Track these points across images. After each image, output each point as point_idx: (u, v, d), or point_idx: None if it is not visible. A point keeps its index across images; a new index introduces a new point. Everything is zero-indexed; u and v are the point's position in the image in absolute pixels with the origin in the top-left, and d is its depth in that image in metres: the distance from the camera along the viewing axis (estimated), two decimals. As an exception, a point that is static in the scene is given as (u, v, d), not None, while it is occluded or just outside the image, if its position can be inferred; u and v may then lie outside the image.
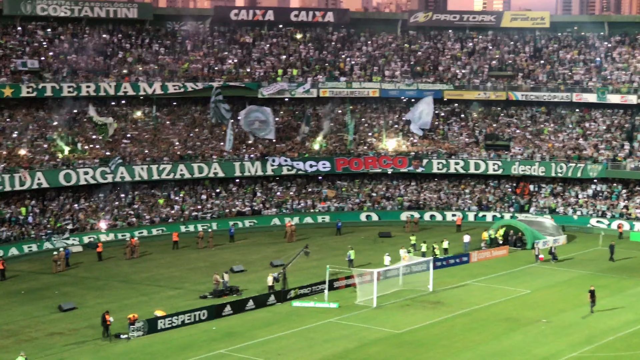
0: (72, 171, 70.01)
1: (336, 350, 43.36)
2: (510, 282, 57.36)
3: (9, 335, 45.31)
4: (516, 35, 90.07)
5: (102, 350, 43.58)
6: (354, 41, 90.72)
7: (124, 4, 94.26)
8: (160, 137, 77.58)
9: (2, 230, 64.90)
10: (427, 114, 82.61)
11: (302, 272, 56.36)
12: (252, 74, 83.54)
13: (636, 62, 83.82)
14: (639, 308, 50.77)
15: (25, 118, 73.98)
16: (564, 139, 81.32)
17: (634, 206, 74.66)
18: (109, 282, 56.70)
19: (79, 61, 77.67)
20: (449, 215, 77.32)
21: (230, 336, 45.71)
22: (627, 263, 62.11)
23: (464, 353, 42.87)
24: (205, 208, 74.96)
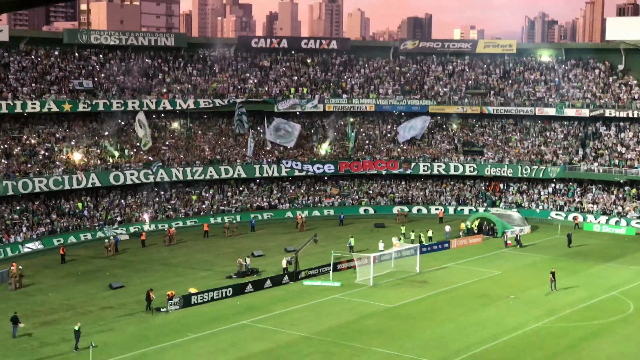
0: (120, 173, 70.36)
1: (339, 322, 43.67)
2: (483, 265, 57.62)
3: (68, 309, 45.66)
4: (488, 60, 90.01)
5: (145, 321, 43.94)
6: (353, 64, 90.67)
7: (162, 34, 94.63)
8: (193, 145, 77.73)
9: (62, 221, 65.22)
10: (420, 128, 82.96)
11: (311, 256, 56.50)
12: (269, 92, 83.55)
13: (588, 81, 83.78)
14: (591, 287, 51.05)
15: (81, 129, 74.12)
16: (528, 145, 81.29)
17: (586, 202, 74.75)
18: (151, 265, 57.01)
19: (126, 81, 77.83)
20: (433, 209, 77.31)
21: (251, 310, 46.01)
22: (582, 249, 62.21)
23: (446, 324, 43.22)
24: (231, 203, 75.04)
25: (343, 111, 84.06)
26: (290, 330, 42.00)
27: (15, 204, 64.40)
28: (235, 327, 42.78)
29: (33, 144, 70.01)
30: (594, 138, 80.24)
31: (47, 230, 63.43)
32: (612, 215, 72.60)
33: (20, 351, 38.62)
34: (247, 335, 41.42)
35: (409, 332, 41.63)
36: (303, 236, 63.79)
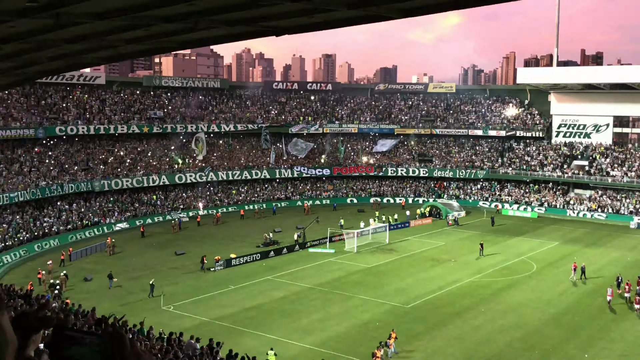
0: (182, 174, 70.34)
1: (333, 276, 43.94)
2: (432, 238, 57.67)
3: (146, 269, 45.86)
4: (436, 97, 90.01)
5: (200, 277, 44.11)
6: (343, 100, 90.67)
7: (211, 79, 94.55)
8: (233, 156, 77.75)
9: (142, 208, 65.32)
10: (389, 145, 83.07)
11: (314, 232, 56.54)
12: (285, 119, 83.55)
13: (504, 112, 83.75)
14: (507, 253, 51.16)
15: (155, 144, 74.18)
16: (464, 156, 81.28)
17: (504, 194, 74.77)
18: (204, 238, 57.05)
19: (186, 112, 77.82)
20: (397, 199, 77.19)
21: (272, 269, 46.17)
22: (501, 228, 62.27)
23: (407, 278, 43.45)
24: (259, 195, 75.08)
25: (336, 132, 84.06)
26: (300, 283, 42.23)
27: (109, 196, 64.44)
28: (262, 280, 43.02)
29: (122, 155, 70.09)
30: (508, 151, 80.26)
31: (132, 215, 63.50)
32: (521, 204, 72.51)
33: (114, 298, 38.88)
34: (270, 286, 41.67)
35: (381, 284, 41.85)
36: (308, 218, 63.82)
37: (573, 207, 70.21)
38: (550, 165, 75.41)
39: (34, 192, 56.25)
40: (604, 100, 75.57)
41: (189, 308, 36.90)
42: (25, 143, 62.42)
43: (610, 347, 30.76)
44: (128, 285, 41.70)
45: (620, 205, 68.26)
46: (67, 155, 65.41)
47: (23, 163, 60.28)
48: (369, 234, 56.50)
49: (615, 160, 72.87)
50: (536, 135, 79.64)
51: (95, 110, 70.51)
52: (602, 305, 37.43)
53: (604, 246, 54.58)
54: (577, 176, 72.97)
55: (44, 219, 56.25)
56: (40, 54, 15.76)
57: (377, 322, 34.21)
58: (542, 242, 55.65)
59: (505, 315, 35.45)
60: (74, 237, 55.27)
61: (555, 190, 73.75)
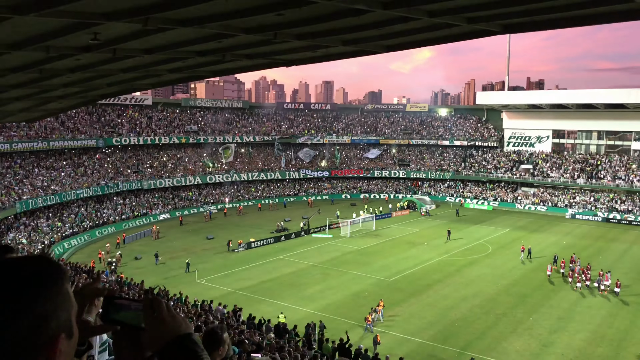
0: (212, 175, 70.18)
1: (331, 256, 43.78)
2: (409, 226, 57.56)
3: (184, 250, 45.69)
4: (412, 115, 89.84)
5: (226, 257, 44.00)
6: (339, 117, 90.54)
7: (235, 101, 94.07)
8: (252, 161, 77.68)
9: (180, 202, 65.24)
10: (377, 153, 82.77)
11: (316, 221, 56.48)
12: (293, 132, 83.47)
13: (467, 126, 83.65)
14: (468, 237, 51.03)
15: (191, 152, 74.09)
16: (434, 161, 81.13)
17: (466, 191, 74.62)
18: (229, 226, 56.95)
19: (215, 126, 77.78)
20: (382, 195, 77.12)
21: (283, 250, 46.05)
22: (464, 217, 62.21)
23: (389, 257, 43.31)
24: (273, 192, 75.00)
25: (333, 143, 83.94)
26: (305, 261, 42.13)
27: (155, 193, 64.38)
28: (275, 259, 42.92)
29: (165, 160, 70.03)
30: (469, 157, 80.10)
31: (172, 207, 63.40)
32: (480, 199, 72.36)
33: (158, 273, 38.83)
34: (282, 264, 41.56)
35: (369, 262, 41.75)
36: (312, 210, 63.79)
37: (520, 201, 70.10)
38: (502, 169, 75.31)
39: (95, 189, 56.27)
40: (545, 117, 75.54)
41: (217, 281, 36.88)
42: (88, 151, 62.41)
43: (550, 312, 30.72)
44: (170, 263, 41.69)
45: (558, 200, 68.23)
46: (122, 160, 65.38)
47: (87, 167, 60.27)
48: (359, 222, 56.39)
49: (554, 164, 72.79)
50: (491, 145, 79.46)
51: (143, 125, 70.47)
52: (543, 279, 37.42)
53: (544, 232, 54.50)
54: (524, 177, 72.86)
55: (103, 210, 56.25)
56: (100, 81, 15.76)
57: (365, 292, 34.17)
58: (496, 229, 55.54)
59: (467, 286, 35.41)
60: (127, 225, 55.24)
61: (506, 188, 73.62)
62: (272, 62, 13.25)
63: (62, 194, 51.87)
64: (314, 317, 28.52)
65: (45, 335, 1.14)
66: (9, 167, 52.76)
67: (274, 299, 32.59)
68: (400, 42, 11.01)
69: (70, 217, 51.64)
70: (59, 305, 1.17)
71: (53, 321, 1.15)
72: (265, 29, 9.42)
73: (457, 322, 28.92)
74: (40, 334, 1.13)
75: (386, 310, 30.03)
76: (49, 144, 56.00)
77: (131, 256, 43.81)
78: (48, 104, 20.81)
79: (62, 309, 1.18)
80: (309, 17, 8.83)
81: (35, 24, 8.49)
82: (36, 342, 1.13)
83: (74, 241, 47.73)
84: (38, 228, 47.31)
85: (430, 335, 27.05)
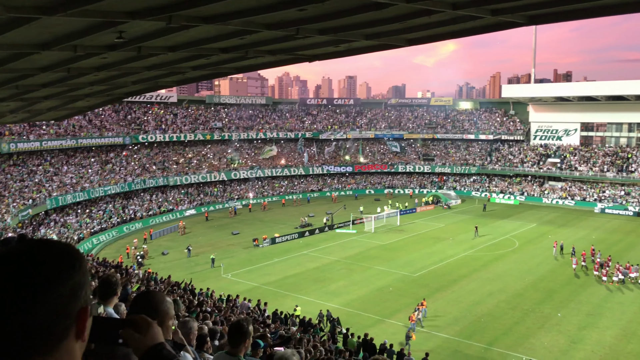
0: (237, 172, 70.63)
1: (355, 252, 43.72)
2: (434, 221, 57.13)
3: (209, 245, 46.15)
4: (437, 108, 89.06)
5: (251, 252, 44.30)
6: (362, 112, 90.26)
7: (259, 97, 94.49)
8: (276, 157, 77.92)
9: (206, 198, 65.87)
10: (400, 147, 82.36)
11: (340, 216, 56.50)
12: (317, 128, 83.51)
13: (492, 120, 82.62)
14: (494, 233, 50.43)
15: (216, 149, 74.69)
16: (459, 155, 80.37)
17: (492, 186, 73.75)
18: (254, 222, 57.31)
19: (239, 123, 78.21)
20: (406, 190, 76.73)
21: (307, 245, 46.17)
22: (491, 212, 61.52)
23: (414, 252, 43.08)
24: (296, 188, 75.20)
25: (357, 138, 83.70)
26: (329, 256, 42.18)
27: (181, 189, 65.14)
28: (299, 255, 43.06)
29: (190, 157, 70.75)
30: (495, 151, 79.12)
31: (198, 203, 64.04)
32: (506, 193, 71.47)
33: (185, 267, 39.32)
34: (306, 259, 41.68)
35: (393, 257, 41.60)
36: (335, 206, 63.86)
37: (547, 195, 68.98)
38: (529, 162, 74.18)
39: (122, 186, 57.16)
40: (573, 110, 74.11)
41: (243, 276, 37.17)
42: (115, 148, 63.43)
43: (579, 308, 30.21)
44: (195, 258, 42.13)
45: (586, 194, 66.94)
46: (148, 157, 66.28)
47: (114, 164, 61.28)
48: (383, 217, 56.18)
49: (582, 157, 71.41)
50: (517, 139, 78.33)
51: (169, 122, 71.30)
52: (572, 274, 36.81)
53: (573, 227, 53.54)
54: (551, 171, 71.68)
55: (131, 206, 57.14)
56: (126, 79, 15.98)
57: (390, 287, 34.09)
58: (523, 224, 54.77)
59: (493, 282, 35.03)
60: (153, 221, 56.00)
61: (533, 182, 72.55)
62: (294, 57, 13.27)
63: (90, 191, 52.87)
64: (339, 311, 28.56)
65: (78, 304, 1.27)
66: (40, 164, 53.98)
67: (299, 293, 32.71)
68: (423, 36, 10.91)
69: (99, 214, 52.61)
70: (86, 279, 1.31)
71: (82, 292, 1.29)
72: (287, 25, 9.44)
73: (483, 317, 28.64)
74: (74, 302, 1.27)
75: (412, 304, 29.92)
76: (77, 141, 57.07)
77: (158, 251, 44.43)
78: (75, 102, 21.21)
79: (87, 283, 1.32)
80: (331, 12, 8.81)
81: (62, 23, 8.66)
82: (71, 310, 1.26)
83: (102, 237, 48.61)
84: (67, 224, 48.32)
85: (456, 330, 26.85)
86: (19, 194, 46.94)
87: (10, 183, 48.29)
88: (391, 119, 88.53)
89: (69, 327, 1.27)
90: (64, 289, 1.24)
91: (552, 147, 75.33)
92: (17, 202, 44.89)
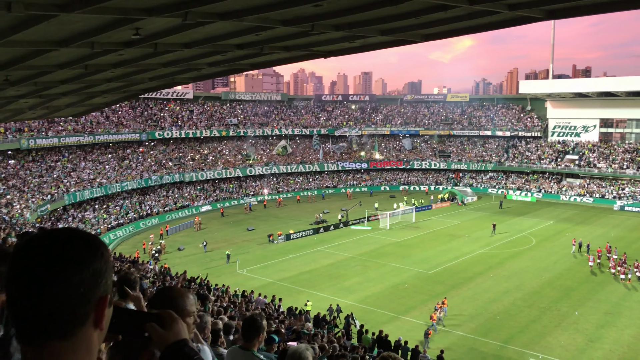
0: (252, 168, 70.80)
1: (370, 248, 43.67)
2: (450, 218, 56.82)
3: (225, 241, 46.40)
4: (453, 105, 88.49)
5: (266, 248, 44.47)
6: (378, 108, 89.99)
7: (274, 93, 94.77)
8: (291, 153, 78.05)
9: (221, 194, 66.18)
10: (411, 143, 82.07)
11: (355, 213, 56.42)
12: (332, 124, 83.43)
13: (509, 116, 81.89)
14: (511, 230, 50.02)
15: (231, 145, 75.05)
16: (476, 152, 79.77)
17: (509, 183, 73.11)
18: (269, 218, 57.48)
19: (254, 119, 78.46)
20: (422, 187, 76.38)
21: (322, 242, 46.20)
22: (507, 210, 61.00)
23: (429, 250, 42.88)
24: (311, 184, 75.25)
25: (372, 134, 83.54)
26: (344, 253, 42.19)
27: (196, 185, 65.54)
28: (314, 251, 43.12)
29: (206, 153, 71.16)
30: (512, 147, 78.40)
31: (214, 199, 64.35)
32: (522, 190, 70.80)
33: (200, 263, 39.60)
34: (320, 255, 41.73)
35: (408, 254, 41.47)
36: (350, 202, 63.78)
37: (565, 193, 68.18)
38: (546, 159, 73.39)
39: (139, 182, 57.70)
40: (592, 106, 73.10)
41: (258, 271, 37.34)
42: (132, 144, 64.01)
43: (597, 306, 29.86)
44: (211, 254, 42.41)
45: (605, 191, 66.05)
46: (164, 153, 66.80)
47: (131, 160, 61.85)
48: (398, 214, 55.99)
49: (601, 154, 70.46)
50: (535, 135, 77.52)
51: (185, 119, 71.75)
52: (590, 272, 36.39)
53: (591, 224, 52.88)
54: (569, 168, 70.83)
55: (147, 202, 57.66)
56: (142, 75, 16.11)
57: (405, 284, 34.00)
58: (540, 221, 54.22)
59: (509, 279, 34.77)
60: (170, 217, 56.43)
61: (550, 179, 71.79)
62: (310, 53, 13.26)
63: (107, 187, 53.44)
64: (353, 308, 28.58)
65: (98, 291, 1.27)
66: (58, 160, 54.68)
67: (314, 290, 32.76)
68: (440, 31, 10.84)
69: (116, 209, 53.17)
70: (107, 268, 1.31)
71: (103, 280, 1.29)
72: (303, 21, 9.43)
73: (499, 315, 28.44)
74: (95, 288, 1.27)
75: (427, 302, 29.83)
76: (94, 137, 57.71)
77: (174, 247, 44.81)
78: (93, 99, 21.43)
79: (108, 272, 1.32)
80: (347, 8, 8.79)
81: (80, 20, 8.74)
82: (91, 296, 1.26)
83: (119, 232, 49.12)
84: (85, 219, 48.91)
85: (471, 328, 26.70)
86: (37, 189, 47.63)
87: (29, 179, 49.01)
88: (407, 115, 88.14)
89: (88, 314, 1.27)
90: (86, 273, 1.25)
91: (570, 144, 74.43)
92: (36, 197, 45.56)
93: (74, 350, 1.24)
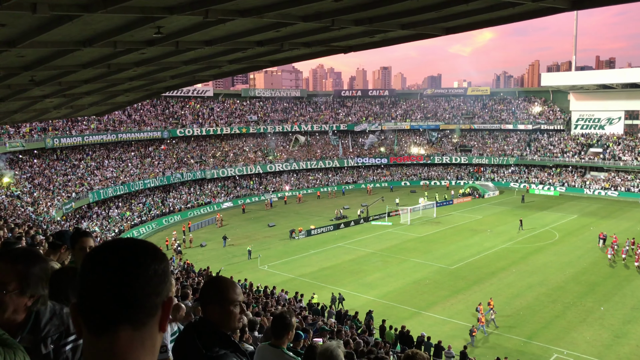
0: (273, 164, 71.09)
1: (391, 244, 43.48)
2: (471, 213, 56.29)
3: (245, 237, 46.59)
4: (474, 98, 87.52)
5: (287, 243, 44.59)
6: (397, 103, 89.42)
7: (293, 90, 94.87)
8: (310, 149, 78.10)
9: (242, 191, 66.53)
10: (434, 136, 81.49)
11: (375, 208, 56.25)
12: (351, 120, 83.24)
13: (531, 109, 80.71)
14: (534, 224, 49.30)
15: (251, 142, 75.37)
16: (497, 145, 78.85)
17: (531, 177, 72.15)
18: (289, 214, 57.62)
19: (274, 115, 78.66)
20: (443, 182, 75.81)
21: (343, 237, 46.17)
22: (529, 204, 60.25)
23: (450, 245, 42.55)
24: (331, 180, 75.19)
25: (392, 129, 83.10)
26: (364, 249, 42.12)
27: (218, 182, 66.03)
28: (335, 247, 43.13)
29: (227, 150, 71.60)
30: (534, 141, 77.32)
31: (235, 196, 64.77)
32: (545, 184, 69.83)
33: (222, 259, 39.92)
34: (341, 251, 41.73)
35: (430, 250, 41.23)
36: (371, 198, 63.56)
37: (589, 186, 67.06)
38: (569, 152, 72.21)
39: (161, 179, 58.32)
40: (617, 98, 71.70)
41: (279, 267, 37.50)
42: (154, 142, 64.71)
43: (623, 301, 29.33)
44: (232, 250, 42.72)
45: (631, 184, 64.80)
46: (186, 151, 67.40)
47: (153, 157, 62.55)
48: (419, 209, 55.68)
49: (626, 147, 69.09)
50: (557, 128, 76.35)
51: (206, 116, 72.26)
52: (616, 266, 35.77)
53: (616, 218, 51.93)
54: (593, 161, 69.63)
55: (169, 199, 58.27)
56: (163, 73, 16.24)
57: (427, 280, 33.83)
58: (564, 215, 53.45)
59: (532, 274, 34.35)
60: (192, 214, 56.97)
61: (574, 172, 70.68)
62: (329, 49, 13.22)
63: (130, 184, 54.13)
64: (375, 304, 28.54)
65: (165, 289, 1.35)
66: (82, 159, 55.55)
67: (335, 285, 32.75)
68: (461, 24, 10.71)
69: (139, 206, 53.84)
70: (169, 270, 1.40)
71: (169, 279, 1.37)
72: (323, 16, 9.40)
73: (522, 310, 28.13)
74: (164, 283, 1.35)
75: (448, 297, 29.66)
76: (117, 136, 58.46)
77: (196, 243, 45.24)
78: (115, 98, 21.69)
79: (170, 277, 1.41)
80: (367, 2, 8.73)
81: (103, 20, 8.84)
82: (161, 290, 1.34)
83: (143, 229, 49.72)
84: (109, 217, 49.64)
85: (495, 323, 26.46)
86: (62, 187, 48.44)
87: (54, 177, 49.88)
88: (427, 110, 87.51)
89: (157, 306, 1.33)
90: (158, 266, 1.34)
91: (594, 137, 73.14)
92: (61, 195, 46.34)
93: (142, 340, 1.30)
